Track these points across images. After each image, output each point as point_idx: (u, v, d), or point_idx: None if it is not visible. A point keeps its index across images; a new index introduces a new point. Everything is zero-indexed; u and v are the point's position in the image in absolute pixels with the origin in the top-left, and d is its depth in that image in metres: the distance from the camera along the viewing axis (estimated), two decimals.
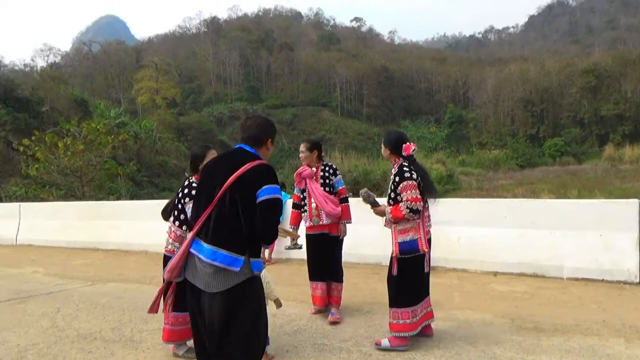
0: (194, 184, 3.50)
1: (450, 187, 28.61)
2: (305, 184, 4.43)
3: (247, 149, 2.54)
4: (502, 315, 4.23)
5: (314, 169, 4.43)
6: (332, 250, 4.40)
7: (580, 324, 3.92)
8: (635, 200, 5.21)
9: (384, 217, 3.63)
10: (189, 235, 2.41)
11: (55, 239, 9.44)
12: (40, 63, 73.39)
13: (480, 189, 28.46)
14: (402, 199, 3.44)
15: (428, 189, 3.56)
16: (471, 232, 5.95)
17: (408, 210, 3.39)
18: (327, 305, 4.41)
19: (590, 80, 59.19)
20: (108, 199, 16.28)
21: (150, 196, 24.95)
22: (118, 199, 17.40)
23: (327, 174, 4.42)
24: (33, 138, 16.88)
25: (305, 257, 4.66)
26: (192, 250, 2.38)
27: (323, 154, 4.63)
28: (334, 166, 4.52)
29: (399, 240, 3.52)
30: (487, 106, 67.45)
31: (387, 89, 77.39)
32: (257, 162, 2.43)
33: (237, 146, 2.60)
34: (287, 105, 72.29)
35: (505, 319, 4.15)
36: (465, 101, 75.67)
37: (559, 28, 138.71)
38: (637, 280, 4.99)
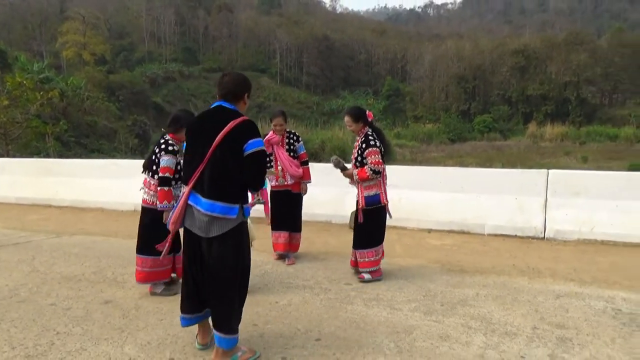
0: (169, 141, 3.87)
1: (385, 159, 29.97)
2: (272, 149, 5.02)
3: (226, 105, 2.80)
4: (434, 262, 5.09)
5: (280, 136, 5.00)
6: (293, 204, 5.09)
7: (495, 267, 4.87)
8: (545, 171, 6.26)
9: (350, 179, 4.39)
10: (185, 189, 2.76)
11: (1, 194, 9.28)
12: None
13: (414, 160, 30.13)
14: (367, 162, 4.20)
15: (387, 152, 4.33)
16: (411, 194, 6.78)
17: (372, 172, 4.17)
18: (287, 251, 5.09)
19: (520, 60, 62.32)
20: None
21: (79, 157, 23.88)
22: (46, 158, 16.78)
23: (291, 141, 5.06)
24: None
25: (261, 214, 5.40)
26: (190, 202, 2.74)
27: None
28: (297, 133, 5.16)
29: (364, 195, 4.30)
30: (423, 80, 69.47)
31: (327, 59, 77.38)
32: (239, 119, 2.70)
33: (216, 103, 2.83)
34: (225, 69, 69.84)
35: (437, 264, 5.01)
36: (403, 74, 77.40)
37: (494, 7, 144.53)
38: (542, 236, 6.07)
